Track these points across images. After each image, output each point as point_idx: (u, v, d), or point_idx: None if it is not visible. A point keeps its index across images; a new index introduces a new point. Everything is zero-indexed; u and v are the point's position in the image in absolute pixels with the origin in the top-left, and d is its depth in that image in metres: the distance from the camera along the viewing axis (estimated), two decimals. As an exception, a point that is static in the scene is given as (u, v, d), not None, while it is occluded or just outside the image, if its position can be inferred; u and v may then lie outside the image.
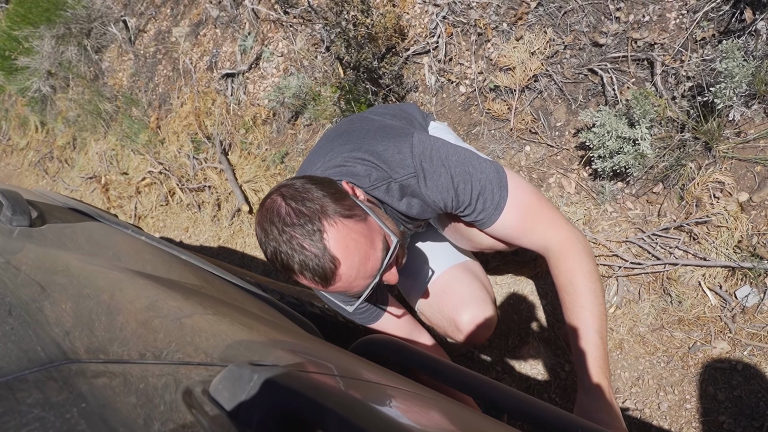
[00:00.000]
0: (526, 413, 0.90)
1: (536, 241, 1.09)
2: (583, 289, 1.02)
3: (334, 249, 0.85)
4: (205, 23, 2.92)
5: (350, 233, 0.87)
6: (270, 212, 0.87)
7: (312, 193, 0.88)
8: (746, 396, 1.34)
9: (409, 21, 2.11)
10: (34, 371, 0.37)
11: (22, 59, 3.60)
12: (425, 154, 1.02)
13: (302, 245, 0.85)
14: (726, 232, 1.43)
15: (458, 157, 1.02)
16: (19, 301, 0.53)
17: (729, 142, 1.45)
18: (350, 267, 0.87)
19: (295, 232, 0.85)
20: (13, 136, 4.36)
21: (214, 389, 0.44)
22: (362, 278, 0.90)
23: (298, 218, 0.85)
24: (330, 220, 0.86)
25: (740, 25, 1.48)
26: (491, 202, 1.04)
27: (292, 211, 0.86)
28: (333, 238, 0.85)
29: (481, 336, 1.36)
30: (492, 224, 1.07)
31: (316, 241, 0.84)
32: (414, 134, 1.04)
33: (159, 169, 2.92)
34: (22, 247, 0.83)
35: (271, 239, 0.87)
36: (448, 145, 1.04)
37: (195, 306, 0.78)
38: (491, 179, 1.03)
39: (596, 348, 1.01)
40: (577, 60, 1.76)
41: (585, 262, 1.05)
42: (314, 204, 0.86)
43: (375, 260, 0.91)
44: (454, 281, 1.39)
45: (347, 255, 0.86)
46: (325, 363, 0.72)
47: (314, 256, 0.85)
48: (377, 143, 1.04)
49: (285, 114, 2.47)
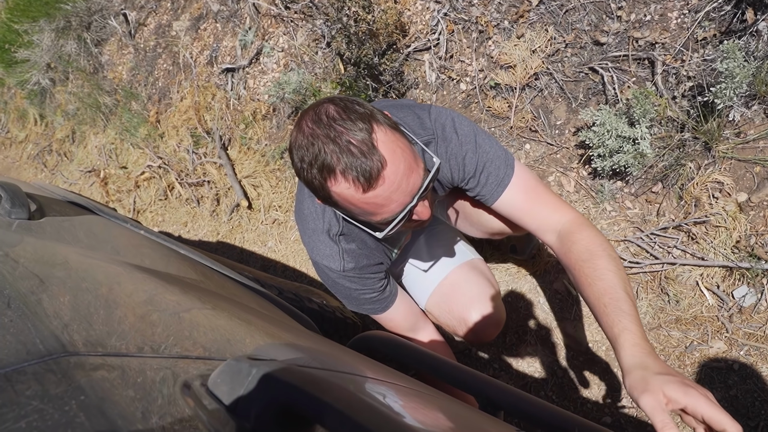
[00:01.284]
0: (522, 410, 0.90)
1: (544, 219, 1.07)
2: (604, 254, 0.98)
3: (382, 149, 0.84)
4: (206, 17, 2.91)
5: (397, 141, 0.87)
6: (317, 113, 0.85)
7: (362, 104, 0.88)
8: (742, 395, 1.35)
9: (410, 17, 2.10)
10: (33, 363, 0.37)
11: (21, 52, 3.59)
12: (439, 120, 1.06)
13: (350, 141, 0.83)
14: (724, 232, 1.43)
15: (470, 128, 1.06)
16: (17, 294, 0.53)
17: (728, 143, 1.46)
18: (395, 172, 0.85)
19: (345, 127, 0.83)
20: (12, 129, 4.35)
21: (212, 383, 0.44)
22: (402, 192, 0.88)
23: (349, 115, 0.84)
24: (379, 124, 0.86)
25: (741, 26, 1.48)
26: (495, 177, 1.05)
27: (342, 111, 0.85)
28: (381, 140, 0.84)
29: (490, 333, 1.37)
30: (496, 200, 1.07)
31: (365, 139, 0.83)
32: (432, 105, 1.09)
33: (158, 163, 2.91)
34: (21, 240, 0.83)
35: (316, 138, 0.84)
36: (461, 117, 1.08)
37: (193, 300, 0.78)
38: (499, 155, 1.06)
39: (631, 307, 0.92)
40: (578, 58, 1.75)
41: (601, 234, 1.04)
42: (365, 109, 0.86)
43: (417, 177, 0.89)
44: (463, 280, 1.40)
45: (394, 159, 0.85)
46: (323, 358, 0.72)
47: (362, 153, 0.83)
48: (397, 111, 1.06)
49: (285, 109, 2.47)
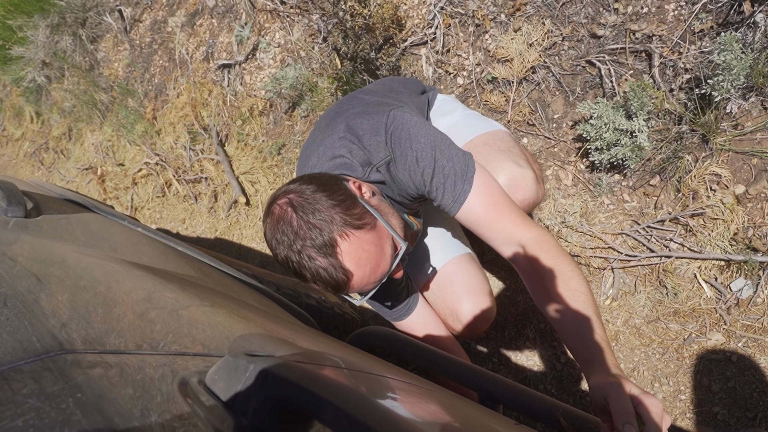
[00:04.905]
0: (522, 404, 0.91)
1: (508, 235, 1.04)
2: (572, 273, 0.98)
3: (346, 262, 0.87)
4: (201, 13, 2.90)
5: (362, 245, 0.89)
6: (282, 222, 0.88)
7: (322, 204, 0.88)
8: (740, 387, 1.35)
9: (406, 12, 2.09)
10: (30, 361, 0.37)
11: (16, 49, 3.56)
12: (395, 134, 1.02)
13: (315, 258, 0.86)
14: (722, 225, 1.43)
15: (427, 140, 1.01)
16: (14, 292, 0.53)
17: (726, 135, 1.45)
18: (362, 277, 0.90)
19: (306, 245, 0.86)
20: (8, 127, 4.33)
21: (209, 379, 0.44)
22: (372, 282, 0.94)
23: (310, 231, 0.86)
24: (341, 232, 0.87)
25: (739, 17, 1.47)
26: (451, 193, 1.02)
27: (304, 224, 0.87)
28: (345, 251, 0.87)
29: (478, 328, 1.37)
30: (455, 214, 1.05)
31: (329, 256, 0.86)
32: (390, 112, 1.04)
33: (155, 160, 2.90)
34: (18, 238, 0.82)
35: (283, 248, 0.89)
36: (419, 126, 1.03)
37: (192, 297, 0.78)
38: (456, 170, 1.01)
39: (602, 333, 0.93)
40: (575, 52, 1.75)
41: (565, 253, 1.03)
42: (324, 215, 0.87)
43: (384, 265, 0.94)
44: (460, 271, 1.40)
45: (359, 266, 0.88)
46: (322, 354, 0.72)
47: (326, 269, 0.87)
48: (358, 126, 1.05)
49: (282, 105, 2.46)
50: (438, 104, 1.43)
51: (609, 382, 0.79)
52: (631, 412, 0.74)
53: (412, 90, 1.40)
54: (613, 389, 0.77)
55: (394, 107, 1.07)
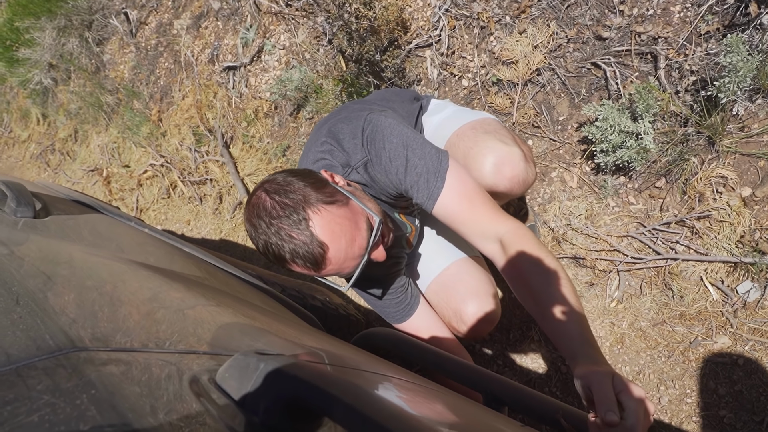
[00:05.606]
0: (525, 405, 0.90)
1: (484, 229, 1.05)
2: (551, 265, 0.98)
3: (321, 235, 0.90)
4: (207, 16, 2.91)
5: (334, 218, 0.92)
6: (256, 208, 0.93)
7: (294, 185, 0.93)
8: (747, 391, 1.35)
9: (411, 14, 2.10)
10: (44, 359, 0.38)
11: (23, 51, 3.59)
12: (371, 136, 1.05)
13: (290, 235, 0.90)
14: (728, 227, 1.43)
15: (399, 140, 1.03)
16: (25, 291, 0.53)
17: (732, 137, 1.45)
18: (338, 250, 0.92)
19: (282, 224, 0.90)
20: (14, 129, 4.35)
21: (220, 378, 0.44)
22: (351, 259, 0.95)
23: (284, 210, 0.90)
24: (314, 208, 0.91)
25: (745, 19, 1.47)
26: (425, 190, 1.03)
27: (277, 204, 0.91)
28: (319, 225, 0.90)
29: (482, 330, 1.36)
30: (431, 210, 1.05)
31: (303, 230, 0.90)
32: (367, 116, 1.08)
33: (160, 161, 2.92)
34: (27, 238, 0.83)
35: (260, 233, 0.92)
36: (393, 127, 1.05)
37: (197, 297, 0.79)
38: (428, 167, 1.02)
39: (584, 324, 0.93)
40: (581, 54, 1.75)
41: (543, 245, 1.02)
42: (297, 195, 0.91)
43: (361, 240, 0.96)
44: (465, 273, 1.40)
45: (334, 239, 0.91)
46: (329, 354, 0.72)
47: (303, 243, 0.90)
48: (338, 131, 1.11)
49: (287, 107, 2.47)
50: (432, 107, 1.46)
51: (592, 371, 0.80)
52: (612, 399, 0.75)
53: (404, 98, 1.43)
54: (596, 377, 0.78)
55: (373, 111, 1.10)
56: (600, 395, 0.75)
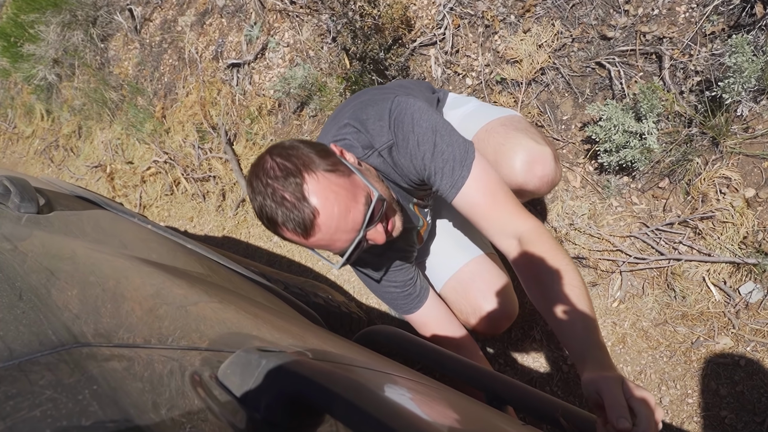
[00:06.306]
0: (525, 403, 0.90)
1: (504, 225, 1.04)
2: (568, 267, 0.97)
3: (312, 199, 0.88)
4: (211, 12, 2.91)
5: (330, 185, 0.89)
6: (257, 168, 0.91)
7: (298, 150, 0.92)
8: (748, 391, 1.34)
9: (416, 12, 2.09)
10: (46, 354, 0.38)
11: (27, 46, 3.60)
12: (398, 119, 1.02)
13: (283, 196, 0.88)
14: (731, 228, 1.43)
15: (429, 125, 1.01)
16: (28, 286, 0.53)
17: (736, 138, 1.45)
18: (329, 217, 0.89)
19: (277, 184, 0.88)
20: (18, 124, 4.37)
21: (222, 374, 0.45)
22: (343, 231, 0.92)
23: (282, 171, 0.88)
24: (311, 172, 0.89)
25: (750, 20, 1.47)
26: (449, 179, 1.02)
27: (277, 166, 0.89)
28: (312, 189, 0.88)
29: (501, 325, 1.37)
30: (452, 200, 1.04)
31: (295, 192, 0.87)
32: (395, 98, 1.05)
33: (164, 158, 2.92)
34: (30, 234, 0.83)
35: (257, 194, 0.90)
36: (423, 111, 1.03)
37: (200, 294, 0.79)
38: (455, 155, 1.01)
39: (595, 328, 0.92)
40: (585, 53, 1.75)
41: (560, 246, 1.02)
42: (299, 159, 0.90)
43: (357, 213, 0.92)
44: (483, 269, 1.40)
45: (326, 205, 0.88)
46: (330, 351, 0.72)
47: (293, 205, 0.87)
48: (362, 112, 1.08)
49: (290, 104, 2.47)
50: (450, 100, 1.44)
51: (602, 377, 0.79)
52: (624, 405, 0.74)
53: (422, 88, 1.41)
54: (606, 383, 0.77)
55: (399, 95, 1.07)
56: (611, 401, 0.75)
